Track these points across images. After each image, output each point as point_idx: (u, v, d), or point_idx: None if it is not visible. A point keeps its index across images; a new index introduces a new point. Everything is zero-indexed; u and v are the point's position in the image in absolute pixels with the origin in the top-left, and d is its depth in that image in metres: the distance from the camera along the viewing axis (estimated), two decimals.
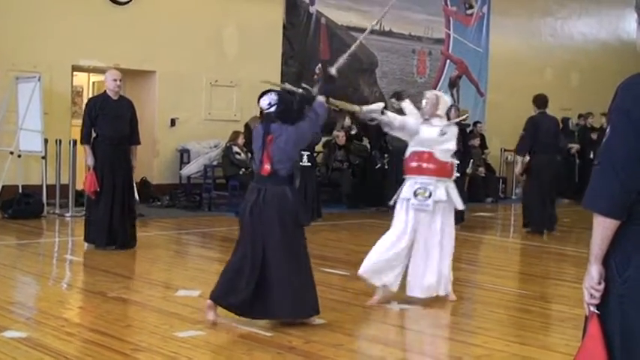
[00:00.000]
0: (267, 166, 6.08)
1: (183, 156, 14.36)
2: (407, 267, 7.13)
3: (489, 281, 8.54)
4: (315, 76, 14.49)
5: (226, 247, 10.03)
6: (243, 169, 13.66)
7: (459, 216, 8.63)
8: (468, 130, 14.89)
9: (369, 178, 15.46)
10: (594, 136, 19.16)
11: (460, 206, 7.36)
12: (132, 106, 9.77)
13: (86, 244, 9.60)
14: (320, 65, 16.26)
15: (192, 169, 14.23)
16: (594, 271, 2.89)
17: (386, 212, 14.33)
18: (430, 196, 7.07)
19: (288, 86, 7.03)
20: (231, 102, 15.06)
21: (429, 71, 18.75)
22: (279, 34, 15.82)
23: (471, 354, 5.75)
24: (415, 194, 7.14)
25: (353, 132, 15.68)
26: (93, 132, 9.51)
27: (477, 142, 16.64)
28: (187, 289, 7.38)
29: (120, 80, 9.61)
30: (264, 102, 6.17)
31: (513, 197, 18.17)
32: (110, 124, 9.42)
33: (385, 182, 14.73)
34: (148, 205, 13.59)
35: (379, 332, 6.10)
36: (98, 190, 9.33)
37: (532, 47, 21.01)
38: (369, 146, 15.86)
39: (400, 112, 8.28)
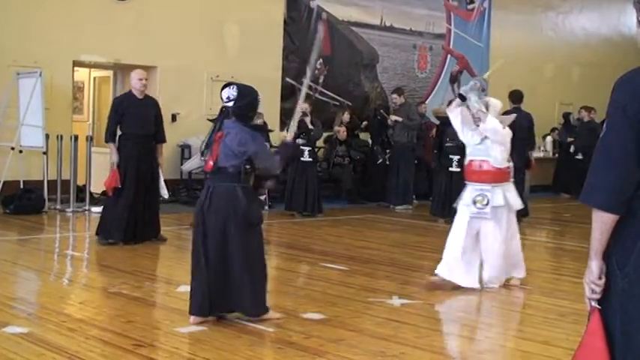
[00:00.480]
0: (210, 162, 5.96)
1: (185, 151, 14.37)
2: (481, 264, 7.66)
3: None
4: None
5: None
6: None
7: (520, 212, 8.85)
8: None
9: (370, 173, 15.48)
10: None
11: (517, 207, 7.72)
12: (157, 104, 9.94)
13: (97, 238, 9.66)
14: (322, 60, 16.27)
15: (193, 164, 14.16)
16: (594, 266, 2.92)
17: (387, 208, 14.42)
18: (488, 203, 7.42)
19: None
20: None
21: (430, 66, 18.74)
22: (279, 29, 15.82)
23: (472, 349, 5.77)
24: (474, 202, 7.50)
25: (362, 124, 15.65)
26: (118, 130, 9.67)
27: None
28: (188, 284, 7.37)
29: (146, 79, 9.75)
30: (224, 94, 6.01)
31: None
32: (136, 122, 9.56)
33: (387, 178, 14.76)
34: None
35: (379, 327, 6.10)
36: (119, 186, 9.44)
37: (533, 42, 20.98)
38: (370, 141, 15.88)
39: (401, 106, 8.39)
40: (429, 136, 15.25)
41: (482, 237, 7.62)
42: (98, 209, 12.30)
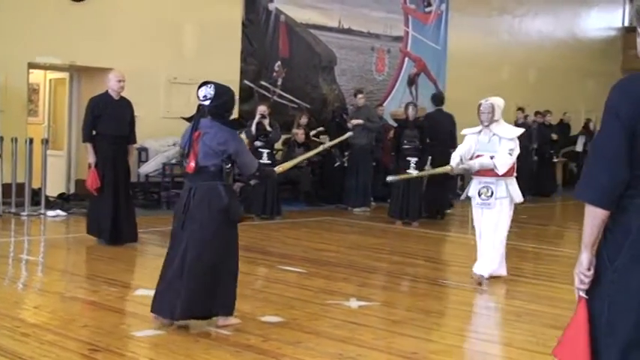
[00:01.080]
0: (192, 163, 5.93)
1: (142, 154, 14.26)
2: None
3: (446, 278, 8.64)
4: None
5: None
6: None
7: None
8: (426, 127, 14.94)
9: (328, 175, 15.50)
10: (554, 136, 19.39)
11: (519, 200, 8.27)
12: (131, 105, 10.06)
13: (94, 239, 9.77)
14: (280, 62, 16.28)
15: (150, 167, 14.14)
16: (585, 258, 3.13)
17: (345, 210, 14.46)
18: (492, 194, 8.08)
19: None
20: (190, 100, 14.91)
21: (387, 69, 18.82)
22: (238, 31, 15.78)
23: (426, 349, 5.80)
24: (479, 194, 8.16)
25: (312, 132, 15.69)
26: (93, 130, 9.77)
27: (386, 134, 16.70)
28: (147, 288, 7.32)
29: (124, 81, 9.90)
30: (201, 93, 6.00)
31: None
32: (112, 123, 9.71)
33: (345, 180, 14.80)
34: None
35: (337, 329, 6.12)
36: (100, 186, 9.58)
37: (490, 45, 21.20)
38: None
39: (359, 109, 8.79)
40: (387, 139, 15.33)
41: (484, 228, 8.18)
42: (54, 213, 12.23)
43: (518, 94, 21.12)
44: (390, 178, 9.72)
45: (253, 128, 12.74)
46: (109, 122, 9.71)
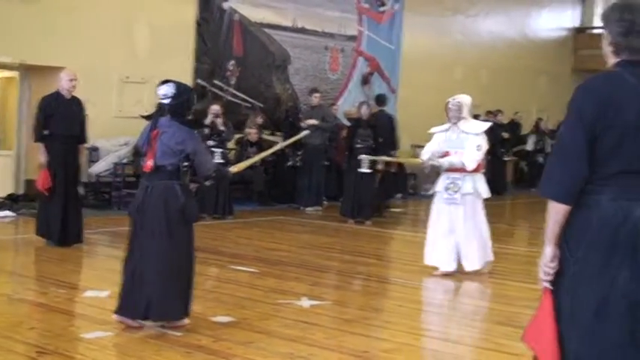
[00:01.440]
0: (149, 162, 5.89)
1: (92, 154, 14.10)
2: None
3: (398, 276, 8.66)
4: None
5: None
6: None
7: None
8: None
9: (280, 175, 15.48)
10: (505, 134, 19.57)
11: (485, 195, 8.44)
12: (82, 105, 9.98)
13: (42, 240, 9.65)
14: (234, 61, 16.22)
15: (101, 167, 14.00)
16: (548, 251, 3.34)
17: (297, 209, 14.45)
18: (459, 190, 8.21)
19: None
20: (143, 99, 14.85)
21: (341, 68, 18.84)
22: (191, 30, 15.67)
23: (378, 348, 5.82)
24: (446, 189, 8.28)
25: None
26: (45, 130, 9.66)
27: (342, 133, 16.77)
28: (95, 289, 7.27)
29: (76, 80, 9.82)
30: (161, 91, 5.97)
31: (422, 193, 18.41)
32: (63, 122, 9.62)
33: (297, 179, 14.79)
34: None
35: (288, 329, 6.12)
36: (51, 186, 9.49)
37: (443, 45, 21.33)
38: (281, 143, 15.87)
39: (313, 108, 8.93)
40: (340, 138, 15.35)
41: (455, 225, 8.28)
42: (2, 213, 12.05)
43: (470, 93, 21.19)
44: (362, 157, 9.90)
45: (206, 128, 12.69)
46: (60, 122, 9.63)
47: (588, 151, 3.24)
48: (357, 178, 12.73)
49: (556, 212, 3.30)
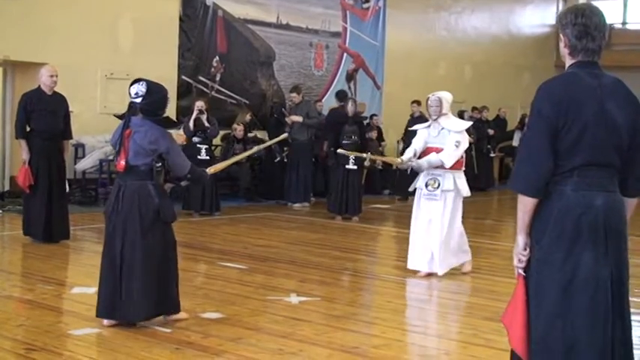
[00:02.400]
0: (122, 162, 5.85)
1: (78, 150, 14.05)
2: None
3: (386, 272, 8.67)
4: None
5: None
6: None
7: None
8: (365, 122, 15.03)
9: (267, 171, 15.46)
10: (491, 131, 19.61)
11: (466, 194, 8.37)
12: (65, 100, 9.94)
13: (28, 238, 9.64)
14: (218, 58, 16.18)
15: (87, 163, 13.95)
16: (520, 240, 3.60)
17: (285, 205, 14.45)
18: (439, 186, 8.15)
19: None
20: (127, 95, 14.78)
21: (326, 64, 18.84)
22: (175, 26, 15.62)
23: (368, 344, 5.83)
24: (426, 185, 8.23)
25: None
26: (27, 126, 9.64)
27: (374, 134, 16.83)
28: (83, 286, 7.25)
29: (56, 76, 9.75)
30: (133, 90, 5.91)
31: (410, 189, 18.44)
32: (45, 119, 9.58)
33: (285, 176, 14.77)
34: None
35: (278, 325, 6.12)
36: (32, 184, 9.45)
37: (427, 41, 21.36)
38: (267, 140, 15.84)
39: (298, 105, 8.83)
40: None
41: (433, 221, 8.19)
42: None
43: (454, 89, 21.26)
44: (340, 151, 9.86)
45: (191, 124, 12.65)
46: (42, 118, 9.59)
47: (551, 146, 3.48)
48: (343, 174, 12.74)
49: (524, 205, 3.55)
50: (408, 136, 16.04)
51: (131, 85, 5.96)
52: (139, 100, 5.87)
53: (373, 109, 19.06)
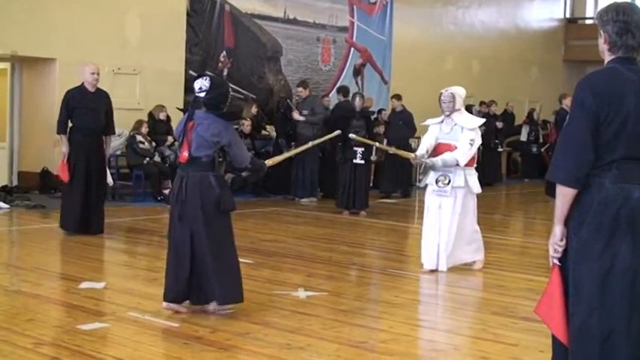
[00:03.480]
0: (184, 153, 6.10)
1: None
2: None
3: (394, 267, 8.66)
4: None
5: (131, 238, 9.93)
6: (148, 159, 13.50)
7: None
8: (372, 117, 15.00)
9: (275, 166, 15.39)
10: (499, 124, 19.52)
11: (477, 190, 8.31)
12: (108, 97, 10.22)
13: (62, 231, 9.88)
14: (225, 52, 16.17)
15: None
16: (557, 230, 3.68)
17: (292, 200, 14.44)
18: (449, 182, 8.05)
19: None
20: (134, 90, 14.82)
21: (333, 59, 18.83)
22: (182, 21, 15.62)
23: (376, 338, 5.83)
24: (437, 181, 8.14)
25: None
26: (69, 122, 9.92)
27: (381, 129, 16.79)
28: (91, 280, 7.27)
29: (98, 74, 10.06)
30: (196, 85, 6.17)
31: (417, 185, 18.43)
32: (87, 115, 9.85)
33: (292, 171, 14.76)
34: (49, 196, 13.29)
35: (285, 320, 6.12)
36: (70, 177, 9.76)
37: (434, 35, 21.32)
38: (274, 134, 15.84)
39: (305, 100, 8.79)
40: None
41: (442, 217, 8.13)
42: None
43: (462, 84, 21.19)
44: (352, 135, 9.86)
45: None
46: (83, 115, 9.85)
47: (592, 138, 3.56)
48: (351, 169, 12.73)
49: (564, 195, 3.63)
50: (389, 130, 16.05)
51: (195, 80, 6.24)
52: (202, 94, 6.13)
53: (380, 104, 19.04)
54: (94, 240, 9.75)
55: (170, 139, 14.26)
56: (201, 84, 6.12)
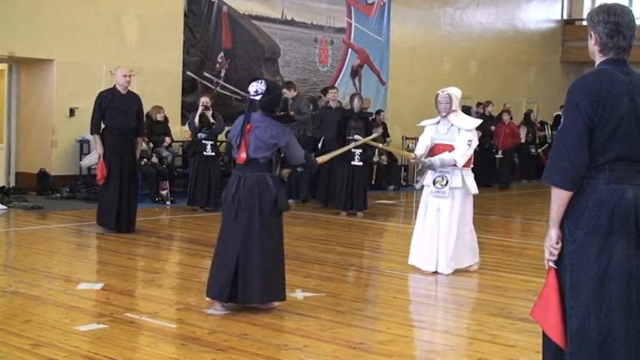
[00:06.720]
0: (242, 155, 6.25)
1: (83, 146, 14.07)
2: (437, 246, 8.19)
3: (391, 268, 8.66)
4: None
5: (128, 239, 9.91)
6: (145, 160, 13.48)
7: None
8: (370, 118, 15.00)
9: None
10: (493, 127, 19.44)
11: (474, 191, 8.29)
12: (139, 100, 10.57)
13: (100, 228, 10.27)
14: (223, 54, 16.17)
15: (92, 159, 13.91)
16: (553, 233, 3.67)
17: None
18: (447, 184, 8.06)
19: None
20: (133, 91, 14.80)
21: (331, 60, 18.84)
22: (180, 22, 15.63)
23: (373, 339, 5.83)
24: (434, 182, 8.13)
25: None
26: (102, 123, 10.30)
27: (379, 130, 16.80)
28: (89, 282, 7.27)
29: (130, 76, 10.44)
30: (252, 88, 6.29)
31: (414, 185, 18.42)
32: (118, 116, 10.22)
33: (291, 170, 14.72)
34: (46, 197, 13.29)
35: (283, 321, 6.12)
36: (107, 177, 10.12)
37: (432, 36, 21.34)
38: None
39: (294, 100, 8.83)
40: None
41: (440, 219, 8.14)
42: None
43: (460, 85, 21.23)
44: (356, 137, 9.93)
45: (196, 120, 12.65)
46: (115, 116, 10.20)
47: (587, 139, 3.56)
48: (349, 170, 12.73)
49: (560, 198, 3.62)
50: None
51: (250, 83, 6.37)
52: (258, 97, 6.28)
53: (378, 105, 19.06)
54: (91, 241, 9.75)
55: (167, 140, 14.27)
56: (257, 87, 6.27)
